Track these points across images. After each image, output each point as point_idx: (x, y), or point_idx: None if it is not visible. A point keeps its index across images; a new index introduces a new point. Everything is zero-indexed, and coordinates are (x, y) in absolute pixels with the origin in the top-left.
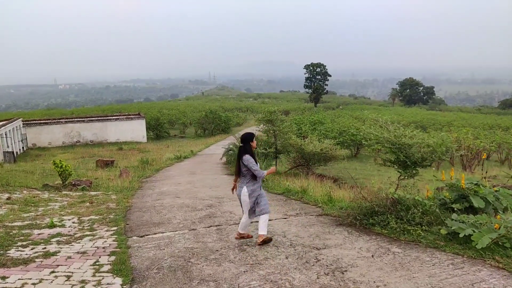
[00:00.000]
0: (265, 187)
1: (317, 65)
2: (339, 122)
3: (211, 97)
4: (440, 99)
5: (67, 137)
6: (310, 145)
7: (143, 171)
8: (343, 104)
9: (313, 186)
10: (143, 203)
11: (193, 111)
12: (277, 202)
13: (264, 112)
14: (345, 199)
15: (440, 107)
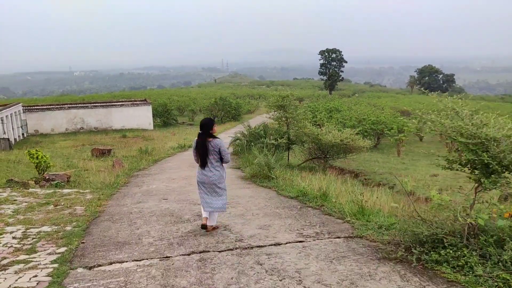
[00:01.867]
0: (275, 187)
1: (332, 51)
2: (357, 109)
3: (223, 84)
4: (460, 87)
5: (71, 123)
6: (328, 134)
7: (139, 162)
8: (359, 91)
9: (335, 188)
10: (120, 207)
11: (203, 98)
12: (289, 211)
13: (275, 96)
14: (382, 210)
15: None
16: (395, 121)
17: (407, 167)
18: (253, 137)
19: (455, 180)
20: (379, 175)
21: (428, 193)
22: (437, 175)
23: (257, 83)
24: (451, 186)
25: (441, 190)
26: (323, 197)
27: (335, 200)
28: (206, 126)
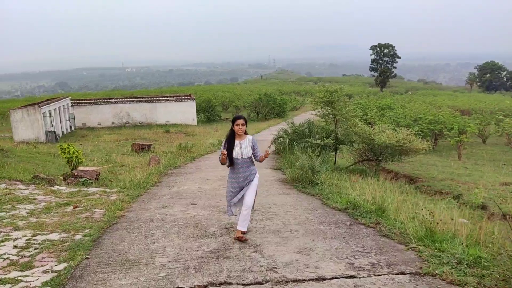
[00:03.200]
0: (319, 195)
1: (385, 46)
2: (412, 107)
3: (269, 81)
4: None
5: (117, 117)
6: (382, 134)
7: (176, 158)
8: (412, 89)
9: (393, 199)
10: (142, 212)
11: (248, 94)
12: (336, 228)
13: (322, 91)
14: (457, 234)
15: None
16: (456, 120)
17: (471, 173)
18: (296, 135)
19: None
20: (439, 181)
21: (506, 208)
22: (510, 184)
23: (304, 79)
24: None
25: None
26: (378, 212)
27: (394, 216)
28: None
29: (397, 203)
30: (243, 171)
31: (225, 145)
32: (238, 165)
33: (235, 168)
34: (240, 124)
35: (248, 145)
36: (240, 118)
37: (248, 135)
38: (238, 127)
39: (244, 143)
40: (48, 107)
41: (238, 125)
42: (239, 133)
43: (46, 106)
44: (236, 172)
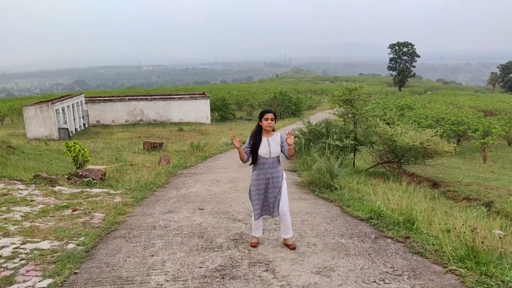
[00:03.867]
0: (338, 201)
1: (403, 44)
2: (432, 108)
3: (285, 80)
4: None
5: (131, 115)
6: (405, 135)
7: (187, 158)
8: (431, 89)
9: (421, 209)
10: (145, 217)
11: (263, 93)
12: (360, 242)
13: (341, 89)
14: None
15: None
16: (480, 121)
17: (498, 177)
18: (313, 135)
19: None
20: (465, 186)
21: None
22: None
23: (320, 78)
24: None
25: None
26: (407, 224)
27: (426, 230)
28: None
29: (426, 212)
30: (270, 172)
31: (250, 141)
32: (264, 165)
33: (260, 168)
34: (269, 118)
35: (277, 142)
36: (269, 112)
37: (276, 131)
38: (266, 122)
39: (272, 140)
40: (62, 104)
41: (267, 120)
42: (267, 129)
43: (59, 103)
44: (262, 172)
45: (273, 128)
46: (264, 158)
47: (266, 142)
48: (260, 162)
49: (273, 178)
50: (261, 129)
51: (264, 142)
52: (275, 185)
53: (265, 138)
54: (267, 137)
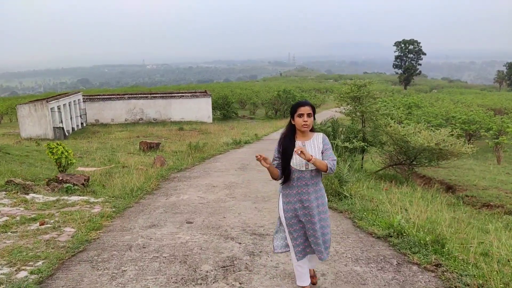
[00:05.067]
0: (349, 212)
1: (409, 42)
2: (440, 106)
3: (289, 78)
4: None
5: (130, 114)
6: (418, 136)
7: (183, 159)
8: (437, 87)
9: (445, 221)
10: (122, 233)
11: (267, 91)
12: (379, 271)
13: (349, 85)
14: None
15: None
16: (492, 120)
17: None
18: None
19: None
20: (482, 190)
21: None
22: None
23: (324, 77)
24: None
25: None
26: (436, 247)
27: (460, 253)
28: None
29: (452, 227)
30: (306, 191)
31: (279, 148)
32: (300, 181)
33: (293, 187)
34: (305, 114)
35: (318, 148)
36: (305, 105)
37: (317, 132)
38: (301, 120)
39: (311, 145)
40: (57, 102)
41: (301, 116)
42: (303, 129)
43: (55, 101)
44: (297, 193)
45: (312, 128)
46: (299, 172)
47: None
48: (293, 178)
49: (315, 201)
50: (295, 130)
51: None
52: (321, 209)
53: (299, 143)
54: (303, 140)
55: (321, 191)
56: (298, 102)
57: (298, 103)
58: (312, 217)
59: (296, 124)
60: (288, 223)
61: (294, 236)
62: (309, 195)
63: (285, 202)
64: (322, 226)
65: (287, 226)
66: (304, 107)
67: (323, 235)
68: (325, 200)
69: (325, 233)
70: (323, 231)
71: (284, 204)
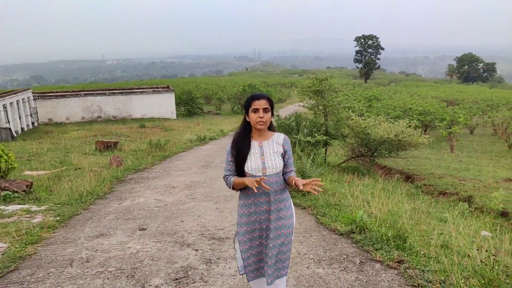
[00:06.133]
0: (312, 208)
1: (368, 37)
2: (398, 98)
3: (254, 73)
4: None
5: (87, 111)
6: (378, 128)
7: (143, 158)
8: (395, 81)
9: (406, 213)
10: (64, 245)
11: (232, 86)
12: (342, 272)
13: (311, 79)
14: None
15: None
16: (445, 111)
17: (467, 167)
18: (282, 129)
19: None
20: (439, 179)
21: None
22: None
23: (289, 72)
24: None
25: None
26: (398, 242)
27: (421, 247)
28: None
29: (413, 219)
30: (265, 200)
31: (232, 150)
32: (257, 189)
33: (249, 196)
34: (261, 109)
35: (277, 150)
36: (260, 98)
37: (277, 132)
38: (256, 116)
39: (269, 146)
40: (3, 101)
41: (257, 111)
42: (258, 127)
43: (1, 99)
44: (253, 202)
45: (270, 125)
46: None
47: (258, 150)
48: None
49: (275, 212)
50: (250, 128)
51: (254, 150)
52: (283, 223)
53: (256, 143)
54: (260, 140)
55: (285, 201)
56: (252, 95)
57: (253, 96)
58: (266, 231)
59: (251, 120)
60: (241, 239)
61: (247, 255)
62: (269, 205)
63: (240, 214)
64: (276, 244)
65: (240, 243)
66: (259, 100)
67: (278, 253)
68: (290, 213)
69: (282, 252)
70: (280, 249)
71: (238, 217)
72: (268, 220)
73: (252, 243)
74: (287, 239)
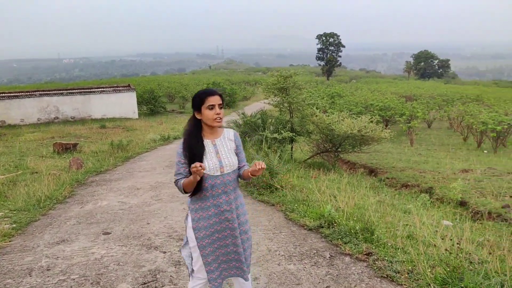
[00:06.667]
0: (281, 204)
1: (330, 35)
2: (360, 95)
3: (218, 71)
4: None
5: (43, 112)
6: (342, 123)
7: (105, 160)
8: (356, 77)
9: (372, 205)
10: (23, 254)
11: (196, 84)
12: (313, 267)
13: (276, 77)
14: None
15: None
16: (404, 106)
17: (427, 160)
18: (249, 127)
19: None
20: (400, 171)
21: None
22: (469, 171)
23: (253, 69)
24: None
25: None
26: (366, 234)
27: (388, 239)
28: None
29: (379, 211)
30: (225, 200)
31: (183, 150)
32: (215, 189)
33: (207, 198)
34: (216, 104)
35: (230, 147)
36: (215, 94)
37: (227, 128)
38: (213, 113)
39: (223, 144)
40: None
41: (213, 108)
42: (216, 124)
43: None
44: (213, 204)
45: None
46: (213, 178)
47: (213, 149)
48: (206, 187)
49: (235, 210)
50: (200, 126)
51: (209, 149)
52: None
53: (209, 142)
54: (212, 139)
55: (240, 198)
56: (205, 91)
57: (206, 92)
58: (234, 230)
59: (206, 118)
60: (201, 244)
61: (208, 261)
62: (229, 204)
63: (196, 218)
64: (243, 240)
65: (200, 248)
66: (214, 96)
67: (245, 250)
68: (245, 209)
69: (247, 248)
70: (244, 246)
71: (194, 221)
72: (233, 219)
73: (216, 244)
74: (248, 235)
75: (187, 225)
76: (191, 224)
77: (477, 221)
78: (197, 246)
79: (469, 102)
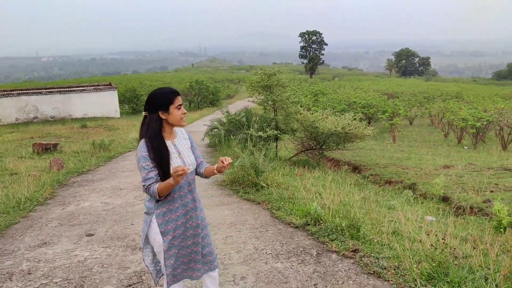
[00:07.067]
0: (267, 203)
1: (312, 33)
2: (343, 92)
3: (201, 69)
4: (434, 70)
5: (22, 112)
6: (326, 121)
7: (86, 160)
8: (338, 75)
9: (357, 202)
10: (2, 258)
11: (179, 83)
12: (300, 264)
13: (260, 75)
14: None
15: (435, 78)
16: (387, 104)
17: (409, 156)
18: (233, 125)
19: (480, 174)
20: (383, 168)
21: (470, 198)
22: (450, 166)
23: (236, 67)
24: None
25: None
26: (352, 231)
27: (374, 235)
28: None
29: (363, 208)
30: (191, 200)
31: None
32: (182, 190)
33: (175, 199)
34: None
35: (188, 145)
36: (179, 94)
37: (177, 127)
38: (180, 113)
39: (181, 143)
40: None
41: (180, 108)
42: (183, 124)
43: None
44: (181, 205)
45: None
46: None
47: (174, 149)
48: (175, 188)
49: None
50: (161, 127)
51: (172, 150)
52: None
53: (169, 143)
54: (172, 139)
55: (197, 198)
56: (171, 90)
57: (173, 91)
58: (197, 227)
59: (174, 118)
60: (168, 246)
61: (171, 263)
62: (194, 202)
63: (164, 222)
64: (203, 237)
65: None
66: (179, 96)
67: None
68: (202, 205)
69: (208, 243)
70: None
71: (162, 225)
72: (196, 216)
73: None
74: (207, 231)
75: (151, 232)
76: (157, 229)
77: (460, 216)
78: (163, 250)
79: (449, 99)
